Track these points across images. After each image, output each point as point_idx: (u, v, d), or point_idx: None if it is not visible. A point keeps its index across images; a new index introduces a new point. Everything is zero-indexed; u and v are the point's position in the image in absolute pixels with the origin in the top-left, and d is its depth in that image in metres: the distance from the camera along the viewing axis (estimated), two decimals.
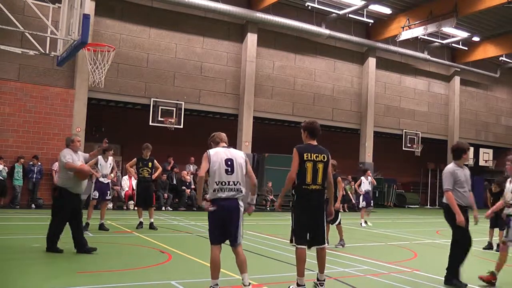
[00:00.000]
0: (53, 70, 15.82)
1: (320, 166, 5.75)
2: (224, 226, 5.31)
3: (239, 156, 5.48)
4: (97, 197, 10.65)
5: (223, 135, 5.67)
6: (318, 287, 5.72)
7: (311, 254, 5.74)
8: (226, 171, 5.32)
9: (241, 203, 5.41)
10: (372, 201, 14.84)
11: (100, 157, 10.80)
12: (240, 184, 5.37)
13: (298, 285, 5.62)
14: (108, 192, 10.79)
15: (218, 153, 5.39)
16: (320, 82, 21.79)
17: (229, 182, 5.30)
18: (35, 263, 6.92)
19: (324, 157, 5.80)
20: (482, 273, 6.75)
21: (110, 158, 10.80)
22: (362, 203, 14.68)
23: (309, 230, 5.77)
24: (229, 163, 5.35)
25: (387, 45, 22.40)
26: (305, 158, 5.71)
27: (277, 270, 6.99)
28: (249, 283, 5.26)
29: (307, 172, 5.69)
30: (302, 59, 21.34)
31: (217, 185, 5.28)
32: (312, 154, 5.75)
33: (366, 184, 14.81)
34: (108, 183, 10.76)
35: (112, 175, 11.17)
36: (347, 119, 22.63)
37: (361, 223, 14.20)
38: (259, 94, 19.99)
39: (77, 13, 9.01)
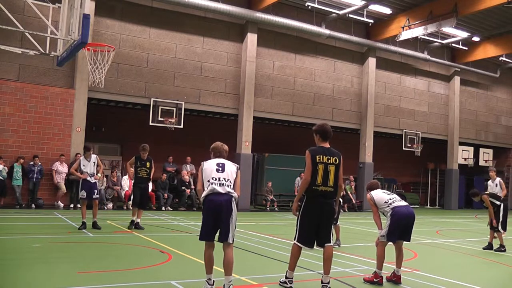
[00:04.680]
0: (53, 70, 15.80)
1: (332, 168, 5.84)
2: (215, 221, 5.38)
3: (231, 163, 5.73)
4: (84, 196, 10.69)
5: (223, 148, 5.87)
6: None
7: (314, 255, 5.72)
8: (217, 170, 5.55)
9: (233, 202, 5.47)
10: None
11: (82, 157, 10.84)
12: (230, 181, 5.52)
13: (286, 277, 5.91)
14: (95, 191, 10.76)
15: (211, 162, 5.68)
16: (320, 82, 21.78)
17: (219, 178, 5.49)
18: (35, 263, 6.91)
19: (336, 159, 5.90)
20: (482, 273, 6.74)
21: (93, 156, 10.81)
22: None
23: (315, 232, 5.81)
24: (220, 165, 5.62)
25: (387, 45, 22.38)
26: (317, 160, 5.80)
27: (277, 270, 6.98)
28: (230, 286, 5.36)
29: (318, 174, 5.77)
30: (302, 59, 21.32)
31: (208, 182, 5.49)
32: (324, 157, 5.85)
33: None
34: (95, 182, 10.78)
35: (99, 174, 11.17)
36: (347, 119, 22.61)
37: None
38: (259, 94, 19.98)
39: (77, 13, 9.03)
